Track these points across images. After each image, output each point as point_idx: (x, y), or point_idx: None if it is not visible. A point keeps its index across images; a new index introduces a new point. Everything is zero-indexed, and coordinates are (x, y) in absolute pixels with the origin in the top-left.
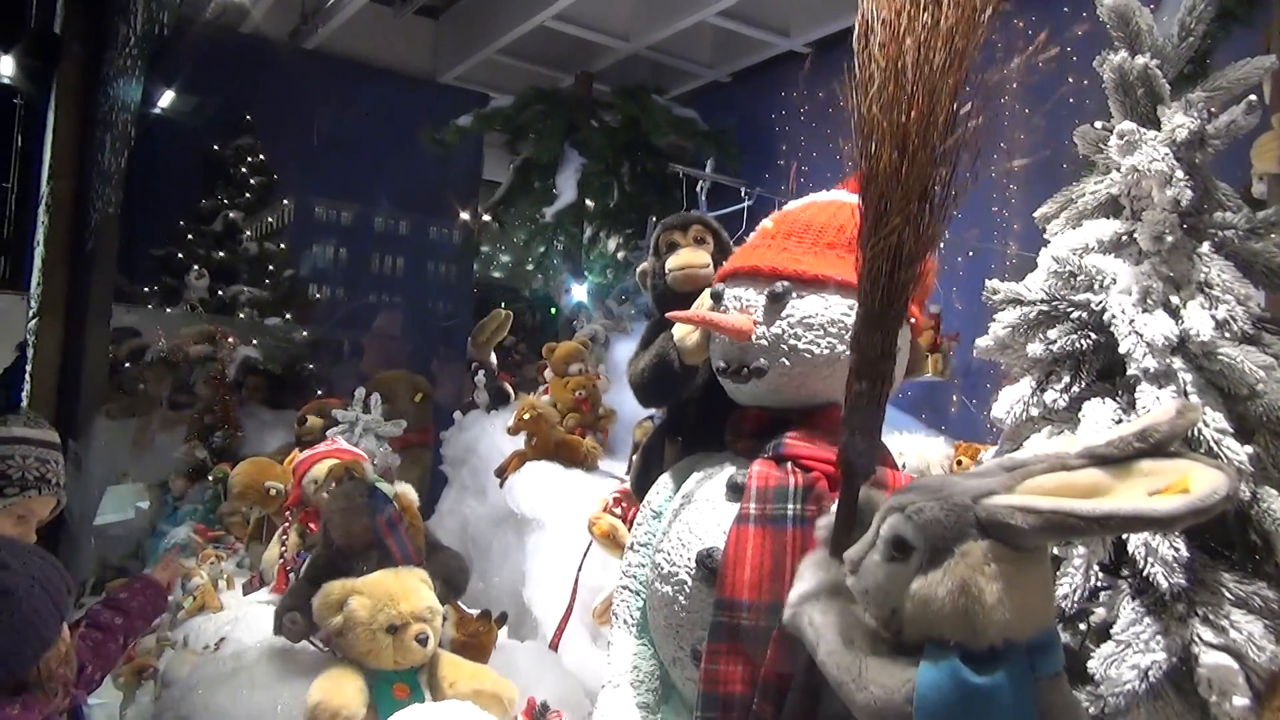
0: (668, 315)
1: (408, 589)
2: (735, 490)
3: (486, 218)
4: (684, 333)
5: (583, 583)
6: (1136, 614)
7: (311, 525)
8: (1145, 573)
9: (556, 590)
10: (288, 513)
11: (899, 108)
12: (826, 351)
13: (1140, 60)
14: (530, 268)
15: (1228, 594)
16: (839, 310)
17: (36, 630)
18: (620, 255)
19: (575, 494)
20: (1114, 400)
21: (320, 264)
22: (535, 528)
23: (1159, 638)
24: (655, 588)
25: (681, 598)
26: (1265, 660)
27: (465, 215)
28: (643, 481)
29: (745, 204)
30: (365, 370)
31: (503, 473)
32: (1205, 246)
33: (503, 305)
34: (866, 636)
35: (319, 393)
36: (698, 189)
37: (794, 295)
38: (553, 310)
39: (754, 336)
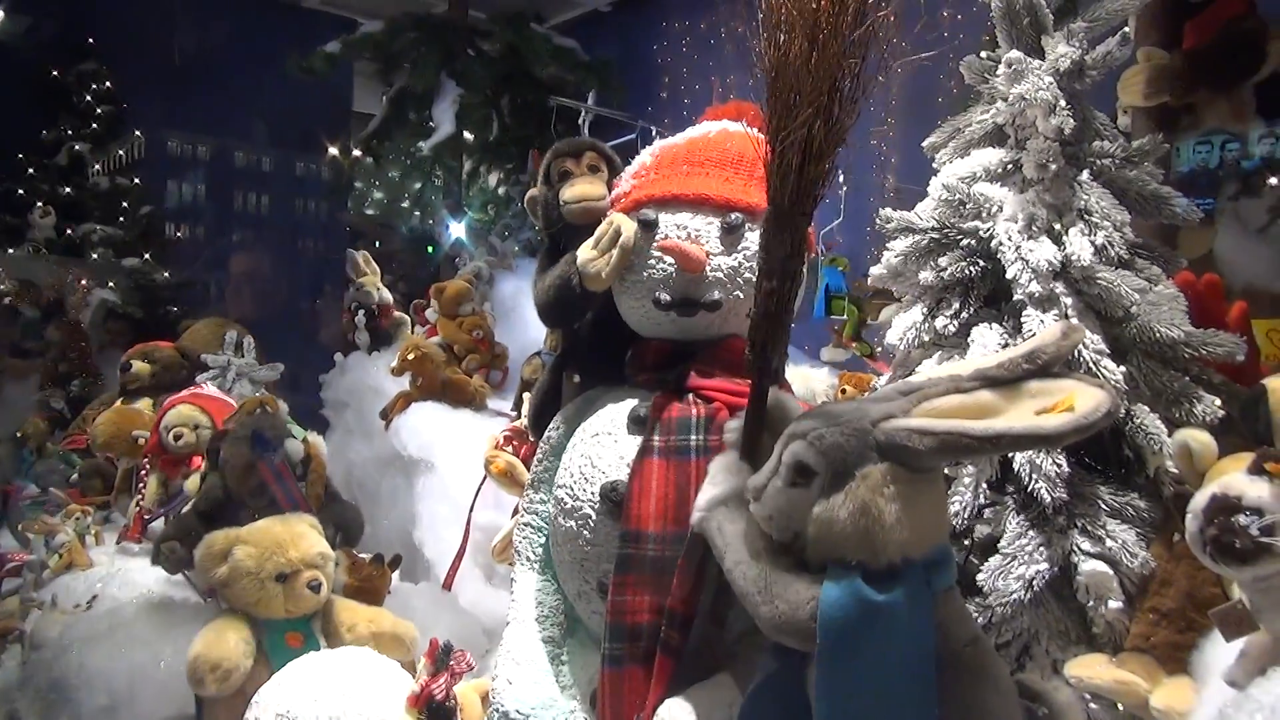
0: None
1: (296, 535)
2: (638, 423)
3: (358, 152)
4: (586, 259)
5: (475, 523)
6: (1021, 528)
7: (171, 474)
8: (1030, 489)
9: (448, 531)
10: (146, 460)
11: None
12: None
13: None
14: (406, 204)
15: (1104, 505)
16: None
17: None
18: (500, 190)
19: (464, 434)
20: (999, 325)
21: (180, 200)
22: (424, 469)
23: (1042, 549)
24: (558, 523)
25: (586, 532)
26: (1137, 565)
27: (335, 149)
28: (540, 418)
29: (630, 137)
30: (241, 311)
31: (387, 415)
32: (1084, 175)
33: (376, 244)
34: (772, 549)
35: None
36: (580, 122)
37: (747, 227)
38: (430, 248)
39: (708, 269)
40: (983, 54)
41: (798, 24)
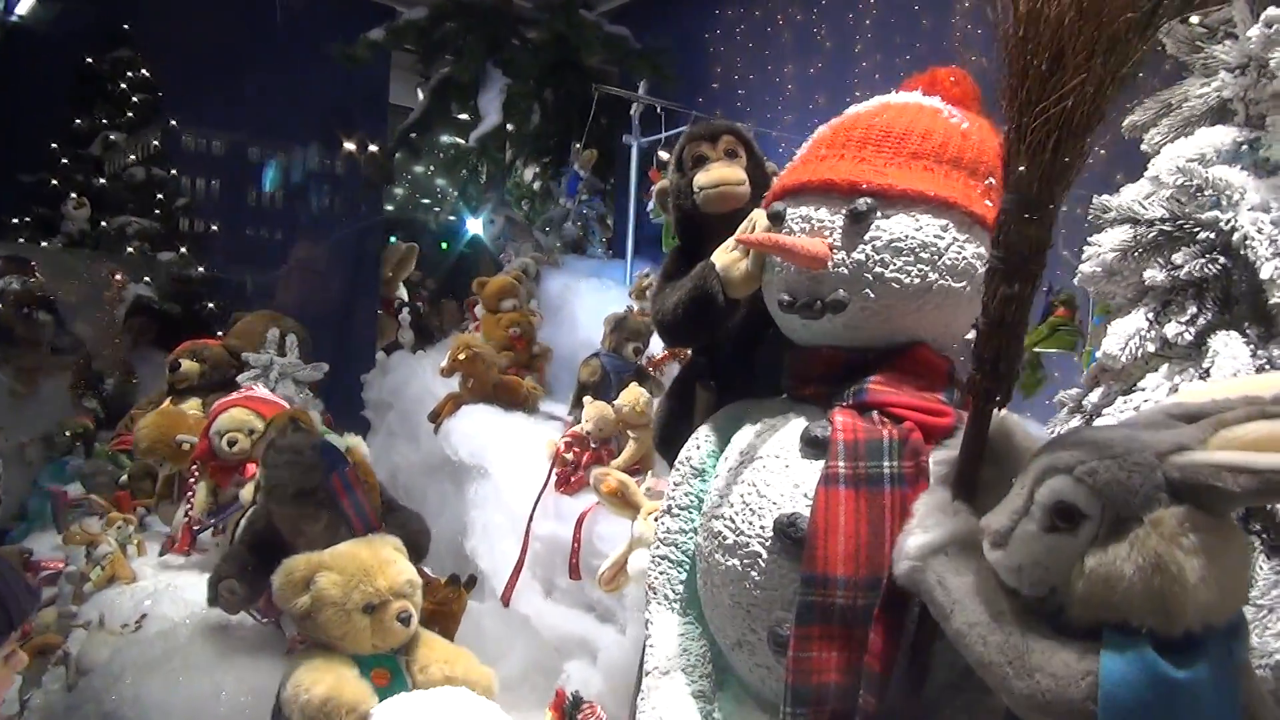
0: (739, 239)
1: (383, 561)
2: (814, 445)
3: (374, 148)
4: (728, 261)
5: (534, 533)
6: (1277, 574)
7: (221, 481)
8: None
9: (503, 542)
10: (194, 467)
11: None
12: (917, 281)
13: None
14: (449, 197)
15: None
16: (932, 232)
17: None
18: (537, 185)
19: (518, 438)
20: (1240, 333)
21: (216, 193)
22: (476, 475)
23: None
24: (715, 560)
25: (754, 573)
26: None
27: (373, 139)
28: (671, 434)
29: (685, 129)
30: (279, 307)
31: (436, 417)
32: None
33: (392, 238)
34: (1018, 608)
35: (218, 334)
36: (630, 112)
37: (878, 214)
38: (444, 244)
39: (830, 264)
40: (1193, 19)
41: None
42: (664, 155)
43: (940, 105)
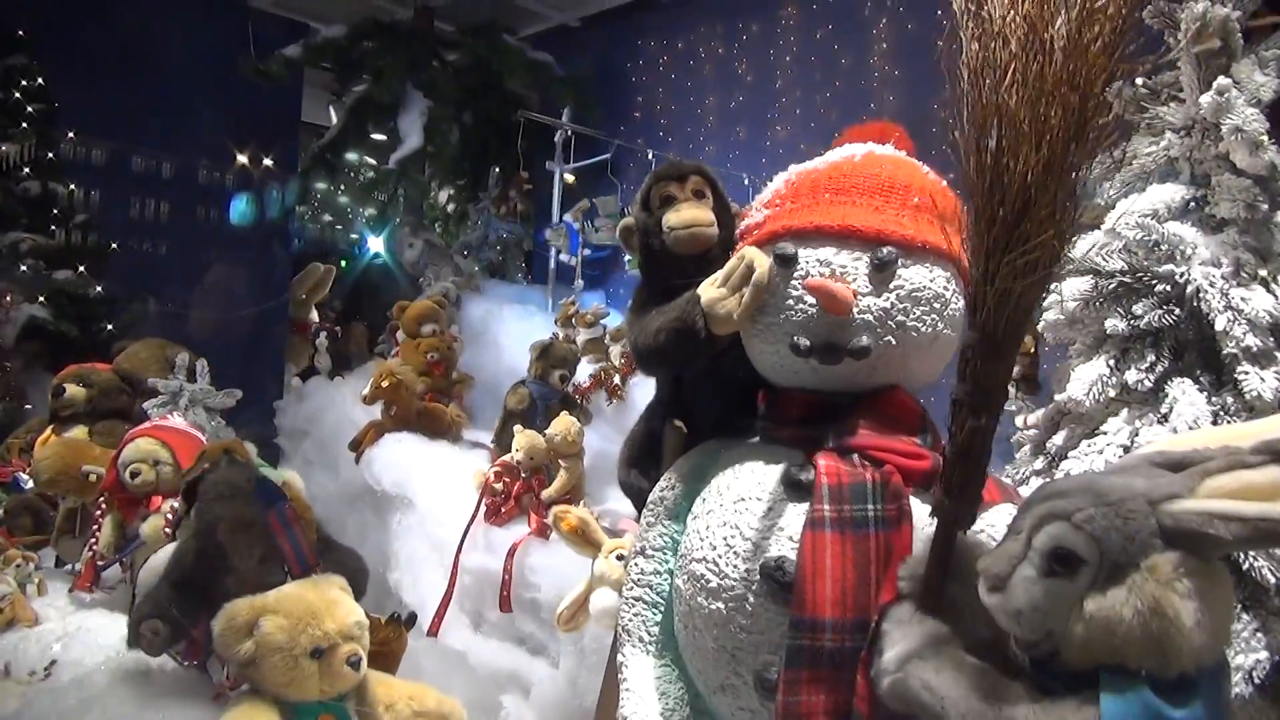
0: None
1: (331, 603)
2: (797, 488)
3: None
4: (714, 297)
5: (463, 565)
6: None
7: (127, 515)
8: (1245, 567)
9: (429, 573)
10: (101, 499)
11: (1043, 98)
12: (930, 330)
13: (1223, 10)
14: (358, 217)
15: None
16: (941, 284)
17: None
18: (451, 208)
19: (442, 467)
20: (1193, 380)
21: (117, 209)
22: (400, 505)
23: (1259, 635)
24: (698, 603)
25: (740, 616)
26: None
27: (284, 157)
28: (639, 473)
29: (605, 156)
30: (185, 329)
31: (358, 446)
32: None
33: (290, 253)
34: (1003, 684)
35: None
36: (554, 139)
37: (901, 264)
38: (343, 262)
39: (855, 310)
40: (1138, 81)
41: (1029, 132)
42: (570, 178)
43: (917, 161)
